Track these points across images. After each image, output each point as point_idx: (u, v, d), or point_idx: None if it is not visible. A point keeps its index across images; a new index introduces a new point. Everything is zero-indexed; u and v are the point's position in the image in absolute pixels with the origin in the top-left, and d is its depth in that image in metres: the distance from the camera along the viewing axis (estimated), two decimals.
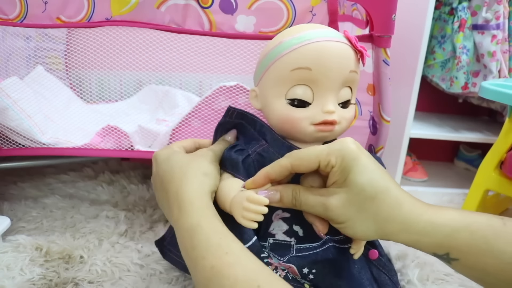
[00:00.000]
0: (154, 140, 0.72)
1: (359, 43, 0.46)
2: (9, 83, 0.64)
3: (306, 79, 0.45)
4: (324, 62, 0.44)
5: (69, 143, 0.68)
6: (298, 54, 0.45)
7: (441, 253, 0.38)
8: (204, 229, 0.39)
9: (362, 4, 0.57)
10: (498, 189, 0.84)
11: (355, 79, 0.47)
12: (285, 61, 0.46)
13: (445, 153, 1.39)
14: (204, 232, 0.39)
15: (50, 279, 0.57)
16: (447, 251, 0.38)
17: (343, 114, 0.47)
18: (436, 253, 0.39)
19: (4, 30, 0.73)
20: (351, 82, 0.47)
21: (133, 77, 0.92)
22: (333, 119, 0.45)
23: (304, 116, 0.45)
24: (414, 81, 1.00)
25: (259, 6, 0.59)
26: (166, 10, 0.59)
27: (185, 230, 0.40)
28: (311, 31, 0.46)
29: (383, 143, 0.67)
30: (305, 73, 0.44)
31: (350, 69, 0.46)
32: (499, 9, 0.99)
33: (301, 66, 0.44)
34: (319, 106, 0.45)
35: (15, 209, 0.77)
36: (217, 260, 0.36)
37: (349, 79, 0.46)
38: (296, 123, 0.46)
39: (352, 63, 0.46)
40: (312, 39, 0.45)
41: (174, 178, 0.46)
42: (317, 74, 0.44)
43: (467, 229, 0.37)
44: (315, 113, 0.45)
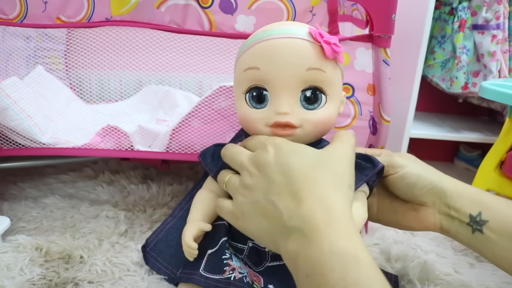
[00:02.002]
0: (154, 140, 0.72)
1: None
2: (9, 83, 0.64)
3: (258, 79, 0.44)
4: (273, 61, 0.42)
5: (69, 143, 0.68)
6: (249, 53, 0.44)
7: (475, 213, 0.43)
8: (363, 263, 0.32)
9: (362, 4, 0.57)
10: (498, 189, 0.84)
11: (320, 78, 0.43)
12: (240, 62, 0.46)
13: (445, 153, 1.39)
14: (363, 267, 0.32)
15: (50, 279, 0.57)
16: (480, 209, 0.43)
17: (306, 116, 0.43)
18: (471, 213, 0.44)
19: (4, 30, 0.73)
20: (316, 81, 0.43)
21: (133, 77, 0.92)
22: (287, 121, 0.42)
23: (259, 117, 0.44)
24: (414, 81, 1.00)
25: (259, 6, 0.59)
26: (166, 10, 0.59)
27: (335, 250, 0.32)
28: (269, 29, 0.44)
29: (383, 143, 0.67)
30: (255, 73, 0.43)
31: (308, 66, 0.42)
32: (499, 9, 0.99)
33: (250, 66, 0.44)
34: (273, 107, 0.44)
35: (15, 209, 0.77)
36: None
37: (311, 78, 0.42)
38: (253, 124, 0.45)
39: (311, 60, 0.42)
40: (264, 38, 0.43)
41: (314, 177, 0.38)
42: (266, 73, 0.43)
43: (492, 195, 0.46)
44: (269, 114, 0.44)
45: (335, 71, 0.44)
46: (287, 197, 0.38)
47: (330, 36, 0.42)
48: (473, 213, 0.44)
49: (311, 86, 0.43)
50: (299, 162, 0.39)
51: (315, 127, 0.44)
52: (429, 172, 0.48)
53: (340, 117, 0.70)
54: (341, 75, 0.46)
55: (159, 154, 0.70)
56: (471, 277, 0.64)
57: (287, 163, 0.39)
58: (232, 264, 0.46)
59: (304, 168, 0.39)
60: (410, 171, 0.48)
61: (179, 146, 0.69)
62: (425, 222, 0.49)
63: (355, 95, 0.68)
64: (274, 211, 0.38)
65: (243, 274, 0.46)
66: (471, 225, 0.44)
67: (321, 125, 0.45)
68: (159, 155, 0.70)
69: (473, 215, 0.44)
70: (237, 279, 0.45)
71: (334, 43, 0.42)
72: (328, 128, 0.46)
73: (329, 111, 0.45)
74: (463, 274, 0.65)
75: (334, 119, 0.46)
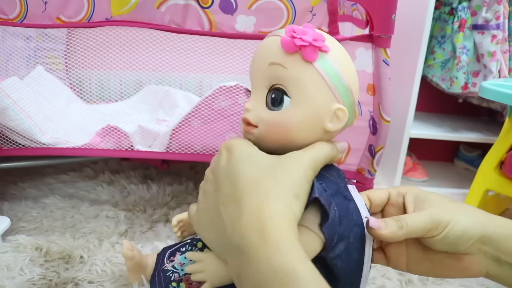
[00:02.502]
0: (154, 140, 0.72)
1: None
2: (9, 83, 0.64)
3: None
4: (253, 58, 0.42)
5: (69, 143, 0.68)
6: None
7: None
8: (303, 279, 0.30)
9: (362, 4, 0.57)
10: (498, 189, 0.84)
11: (280, 74, 0.39)
12: None
13: (445, 153, 1.39)
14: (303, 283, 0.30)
15: (50, 279, 0.57)
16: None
17: (263, 115, 0.40)
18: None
19: (4, 30, 0.73)
20: (277, 78, 0.39)
21: (133, 77, 0.92)
22: (245, 117, 0.41)
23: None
24: (414, 81, 1.00)
25: (259, 6, 0.59)
26: (166, 10, 0.59)
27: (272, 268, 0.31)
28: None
29: (383, 143, 0.67)
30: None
31: (270, 61, 0.39)
32: (499, 9, 0.99)
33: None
34: None
35: (15, 209, 0.77)
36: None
37: (271, 75, 0.39)
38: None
39: (272, 54, 0.39)
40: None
41: (257, 187, 0.35)
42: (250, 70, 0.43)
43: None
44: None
45: (302, 70, 0.38)
46: (231, 208, 0.35)
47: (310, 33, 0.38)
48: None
49: (275, 86, 0.39)
50: (246, 169, 0.36)
51: (268, 129, 0.40)
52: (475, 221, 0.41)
53: None
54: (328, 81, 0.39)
55: (159, 154, 0.70)
56: None
57: (235, 169, 0.37)
58: (176, 258, 0.50)
59: (249, 176, 0.36)
60: (455, 227, 0.40)
61: (179, 146, 0.69)
62: (469, 271, 0.42)
63: None
64: (220, 223, 0.36)
65: (176, 271, 0.49)
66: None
67: (274, 128, 0.40)
68: (159, 155, 0.70)
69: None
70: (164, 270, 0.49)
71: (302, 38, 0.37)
72: (285, 135, 0.39)
73: (287, 116, 0.39)
74: None
75: (296, 127, 0.39)
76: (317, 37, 0.38)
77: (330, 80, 0.38)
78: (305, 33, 0.38)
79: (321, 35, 0.38)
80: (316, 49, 0.38)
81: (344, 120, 0.40)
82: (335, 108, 0.39)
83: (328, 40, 0.39)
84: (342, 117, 0.39)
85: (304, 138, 0.39)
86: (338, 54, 0.40)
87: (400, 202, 0.44)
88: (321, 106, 0.39)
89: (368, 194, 0.45)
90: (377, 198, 0.45)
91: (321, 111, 0.39)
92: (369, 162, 0.71)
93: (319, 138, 0.40)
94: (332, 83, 0.39)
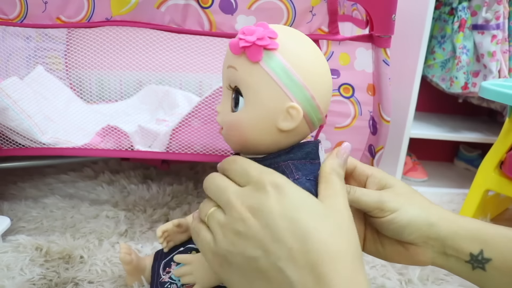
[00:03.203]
0: (154, 140, 0.72)
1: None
2: (9, 83, 0.64)
3: None
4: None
5: (69, 143, 0.68)
6: None
7: (476, 252, 0.40)
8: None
9: (362, 4, 0.57)
10: (498, 189, 0.84)
11: (234, 76, 0.39)
12: None
13: (445, 153, 1.39)
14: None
15: (50, 279, 0.57)
16: (481, 247, 0.40)
17: (225, 118, 0.41)
18: (472, 252, 0.40)
19: (4, 30, 0.73)
20: (233, 80, 0.39)
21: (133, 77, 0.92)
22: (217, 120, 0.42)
23: None
24: (414, 81, 1.00)
25: (259, 6, 0.59)
26: (166, 10, 0.59)
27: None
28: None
29: (383, 143, 0.67)
30: None
31: (228, 64, 0.40)
32: (499, 9, 0.99)
33: None
34: None
35: (15, 209, 0.77)
36: None
37: (229, 77, 0.40)
38: None
39: (229, 57, 0.39)
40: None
41: (340, 253, 0.32)
42: None
43: (492, 226, 0.41)
44: None
45: (250, 71, 0.38)
46: (304, 271, 0.31)
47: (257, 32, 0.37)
48: (474, 252, 0.40)
49: (235, 87, 0.40)
50: (316, 226, 0.33)
51: (227, 131, 0.41)
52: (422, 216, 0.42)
53: (340, 117, 0.70)
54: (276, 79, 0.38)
55: (159, 154, 0.70)
56: None
57: (298, 220, 0.32)
58: (172, 269, 0.50)
59: (322, 237, 0.32)
60: (400, 216, 0.42)
61: (179, 146, 0.69)
62: (416, 259, 0.44)
63: (355, 95, 0.68)
64: (284, 283, 0.32)
65: (174, 282, 0.49)
66: (471, 263, 0.41)
67: (231, 130, 0.40)
68: (159, 155, 0.70)
69: (474, 254, 0.40)
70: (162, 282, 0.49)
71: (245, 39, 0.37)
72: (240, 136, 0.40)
73: (241, 117, 0.39)
74: None
75: (248, 128, 0.39)
76: (263, 35, 0.37)
77: (278, 79, 0.38)
78: (252, 32, 0.37)
79: (272, 32, 0.38)
80: (260, 49, 0.37)
81: (298, 118, 0.38)
82: (287, 106, 0.38)
83: (282, 36, 0.38)
84: (295, 115, 0.38)
85: (259, 138, 0.39)
86: (292, 50, 0.38)
87: (361, 181, 0.46)
88: (272, 106, 0.38)
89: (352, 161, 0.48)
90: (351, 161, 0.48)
91: (272, 111, 0.38)
92: (369, 162, 0.71)
93: (274, 137, 0.39)
94: (281, 81, 0.38)
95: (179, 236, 0.55)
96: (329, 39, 0.63)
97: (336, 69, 0.67)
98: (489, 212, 0.91)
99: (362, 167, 0.47)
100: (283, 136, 0.39)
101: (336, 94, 0.69)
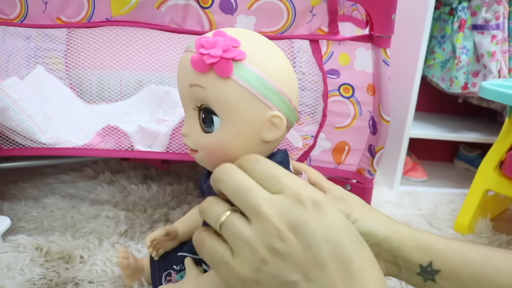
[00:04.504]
0: (154, 140, 0.72)
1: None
2: (9, 83, 0.64)
3: None
4: (177, 78, 0.38)
5: (69, 143, 0.68)
6: None
7: (426, 264, 0.41)
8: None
9: (362, 4, 0.57)
10: (498, 189, 0.84)
11: (202, 96, 0.36)
12: None
13: (445, 153, 1.39)
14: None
15: (50, 279, 0.57)
16: (430, 258, 0.41)
17: (200, 140, 0.38)
18: (421, 264, 0.41)
19: (4, 30, 0.73)
20: (201, 100, 0.36)
21: (133, 77, 0.92)
22: (184, 143, 0.39)
23: None
24: (414, 81, 1.00)
25: (259, 6, 0.59)
26: (166, 10, 0.59)
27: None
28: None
29: (383, 143, 0.67)
30: None
31: (189, 82, 0.36)
32: (499, 9, 0.99)
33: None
34: None
35: (15, 209, 0.77)
36: None
37: (194, 96, 0.36)
38: None
39: (190, 75, 0.36)
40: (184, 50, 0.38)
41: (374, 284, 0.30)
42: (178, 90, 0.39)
43: (442, 238, 0.42)
44: None
45: (222, 87, 0.35)
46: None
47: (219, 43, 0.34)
48: (424, 263, 0.41)
49: (202, 106, 0.37)
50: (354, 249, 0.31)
51: (207, 154, 0.38)
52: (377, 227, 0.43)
53: (340, 117, 0.70)
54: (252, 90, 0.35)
55: (159, 154, 0.70)
56: None
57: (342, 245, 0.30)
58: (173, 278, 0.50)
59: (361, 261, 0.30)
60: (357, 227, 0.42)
61: (179, 146, 0.69)
62: None
63: (355, 95, 0.68)
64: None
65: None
66: (422, 275, 0.42)
67: (212, 153, 0.38)
68: (159, 155, 0.70)
69: (423, 265, 0.41)
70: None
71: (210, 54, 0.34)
72: (225, 157, 0.37)
73: (222, 137, 0.36)
74: None
75: (233, 147, 0.37)
76: (228, 46, 0.34)
77: (254, 90, 0.35)
78: (214, 45, 0.34)
79: (234, 40, 0.35)
80: (229, 62, 0.34)
81: (282, 127, 0.36)
82: (269, 116, 0.36)
83: (245, 41, 0.36)
84: (279, 123, 0.36)
85: (244, 153, 0.36)
86: (259, 55, 0.36)
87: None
88: (253, 119, 0.36)
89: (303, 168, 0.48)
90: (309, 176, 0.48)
91: (255, 124, 0.36)
92: (369, 162, 0.71)
93: (259, 150, 0.37)
94: (258, 91, 0.35)
95: (168, 244, 0.54)
96: (329, 39, 0.63)
97: (336, 69, 0.67)
98: (489, 212, 0.91)
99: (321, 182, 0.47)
100: (267, 146, 0.38)
101: (336, 94, 0.69)
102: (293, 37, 0.62)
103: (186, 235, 0.55)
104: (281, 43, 0.73)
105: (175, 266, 0.51)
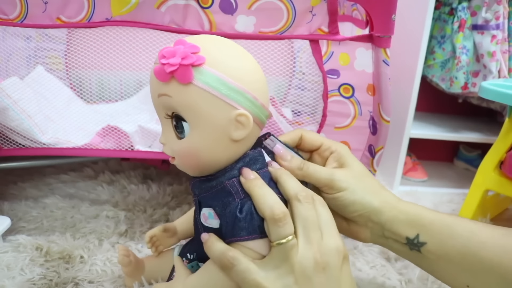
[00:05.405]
0: (154, 140, 0.72)
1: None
2: (9, 83, 0.64)
3: None
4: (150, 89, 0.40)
5: (69, 143, 0.68)
6: None
7: (413, 236, 0.43)
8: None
9: (362, 4, 0.57)
10: (498, 189, 0.84)
11: (170, 103, 0.37)
12: None
13: (445, 153, 1.39)
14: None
15: (50, 279, 0.57)
16: (417, 231, 0.43)
17: (174, 148, 0.40)
18: (408, 236, 0.43)
19: (4, 30, 0.73)
20: (170, 108, 0.38)
21: (133, 77, 0.92)
22: (164, 152, 0.41)
23: None
24: (414, 81, 1.00)
25: (259, 6, 0.59)
26: (166, 10, 0.59)
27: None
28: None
29: (383, 143, 0.67)
30: None
31: (157, 92, 0.38)
32: (499, 9, 0.99)
33: None
34: None
35: (15, 209, 0.77)
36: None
37: (164, 105, 0.38)
38: None
39: (157, 85, 0.38)
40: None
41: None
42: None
43: (431, 212, 0.44)
44: None
45: (185, 94, 0.36)
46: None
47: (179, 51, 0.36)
48: (410, 236, 0.43)
49: (173, 114, 0.38)
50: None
51: (182, 160, 0.40)
52: (366, 199, 0.45)
53: (340, 117, 0.70)
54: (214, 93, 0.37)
55: (159, 154, 0.70)
56: None
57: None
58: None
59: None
60: (345, 195, 0.45)
61: None
62: (355, 236, 0.48)
63: (355, 95, 0.68)
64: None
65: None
66: (408, 245, 0.44)
67: (185, 158, 0.40)
68: (159, 155, 0.70)
69: (410, 238, 0.43)
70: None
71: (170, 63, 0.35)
72: (197, 161, 0.39)
73: (192, 142, 0.38)
74: None
75: (203, 150, 0.38)
76: (186, 53, 0.36)
77: (216, 91, 0.36)
78: (174, 53, 0.36)
79: (194, 46, 0.37)
80: (188, 68, 0.35)
81: (249, 124, 0.38)
82: (235, 115, 0.37)
83: (205, 47, 0.37)
84: (246, 121, 0.37)
85: (216, 157, 0.39)
86: (219, 57, 0.37)
87: (325, 156, 0.48)
88: (219, 120, 0.37)
89: (303, 133, 0.49)
90: (309, 140, 0.49)
91: (221, 124, 0.37)
92: (369, 162, 0.71)
93: (230, 150, 0.39)
94: (219, 92, 0.36)
95: (168, 241, 0.55)
96: (329, 39, 0.63)
97: (336, 69, 0.67)
98: (489, 212, 0.91)
99: (328, 144, 0.49)
100: (238, 146, 0.39)
101: (336, 94, 0.69)
102: (293, 37, 0.62)
103: (185, 234, 0.56)
104: (281, 43, 0.73)
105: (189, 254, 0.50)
